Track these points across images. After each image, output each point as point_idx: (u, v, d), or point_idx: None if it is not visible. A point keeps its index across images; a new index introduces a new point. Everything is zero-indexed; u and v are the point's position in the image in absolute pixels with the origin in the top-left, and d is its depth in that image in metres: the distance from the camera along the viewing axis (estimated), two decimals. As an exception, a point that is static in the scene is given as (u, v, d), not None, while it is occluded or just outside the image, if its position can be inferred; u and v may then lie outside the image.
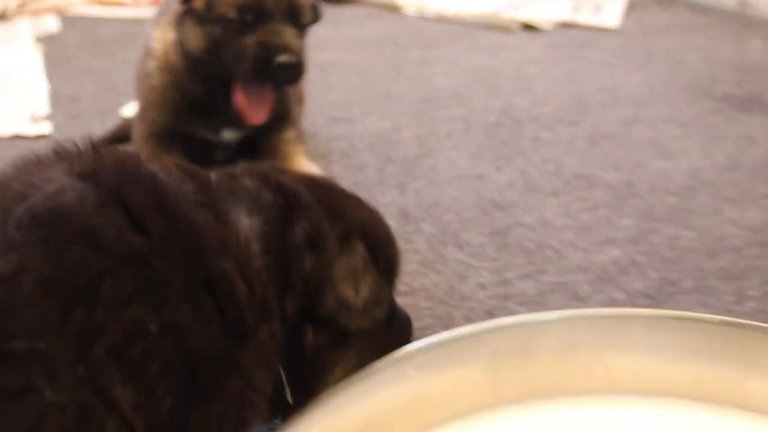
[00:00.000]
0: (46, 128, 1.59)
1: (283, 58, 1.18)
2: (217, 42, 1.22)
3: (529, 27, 2.36)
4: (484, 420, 0.80)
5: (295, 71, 1.22)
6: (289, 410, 0.69)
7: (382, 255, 0.72)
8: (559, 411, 0.82)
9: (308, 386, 0.69)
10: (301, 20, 1.23)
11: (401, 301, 0.83)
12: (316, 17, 1.27)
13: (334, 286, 0.65)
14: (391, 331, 0.75)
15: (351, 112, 1.69)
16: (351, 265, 0.67)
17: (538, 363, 0.83)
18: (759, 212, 1.27)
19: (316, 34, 1.34)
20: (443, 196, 1.31)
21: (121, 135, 1.45)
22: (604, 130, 1.58)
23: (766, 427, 0.80)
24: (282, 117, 1.36)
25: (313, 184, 0.72)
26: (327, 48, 2.06)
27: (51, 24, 2.43)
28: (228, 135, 1.35)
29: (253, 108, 1.25)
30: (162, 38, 1.31)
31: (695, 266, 1.11)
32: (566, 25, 2.39)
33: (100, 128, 1.51)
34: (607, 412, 0.82)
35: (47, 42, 2.24)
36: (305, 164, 1.34)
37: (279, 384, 0.67)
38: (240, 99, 1.24)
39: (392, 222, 0.84)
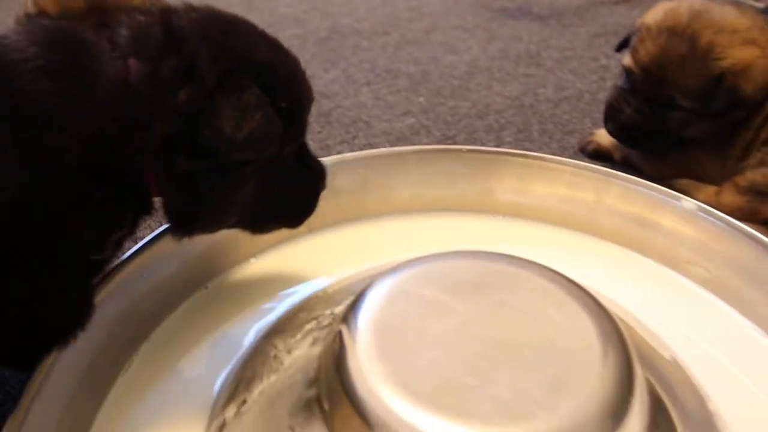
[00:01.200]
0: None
1: None
2: None
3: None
4: (301, 242, 0.83)
5: None
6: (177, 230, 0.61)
7: (285, 95, 0.59)
8: (361, 230, 0.86)
9: (201, 208, 0.59)
10: None
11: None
12: None
13: (213, 118, 0.54)
14: (299, 174, 0.66)
15: (210, 38, 1.63)
16: (238, 100, 0.54)
17: (341, 196, 0.86)
18: (518, 86, 1.33)
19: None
20: (281, 92, 1.30)
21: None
22: (409, 38, 1.59)
23: (507, 223, 0.86)
24: None
25: (216, 22, 0.58)
26: (191, -9, 1.97)
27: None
28: None
29: None
30: None
31: (468, 125, 1.16)
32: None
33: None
34: (396, 227, 0.86)
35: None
36: None
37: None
38: None
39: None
